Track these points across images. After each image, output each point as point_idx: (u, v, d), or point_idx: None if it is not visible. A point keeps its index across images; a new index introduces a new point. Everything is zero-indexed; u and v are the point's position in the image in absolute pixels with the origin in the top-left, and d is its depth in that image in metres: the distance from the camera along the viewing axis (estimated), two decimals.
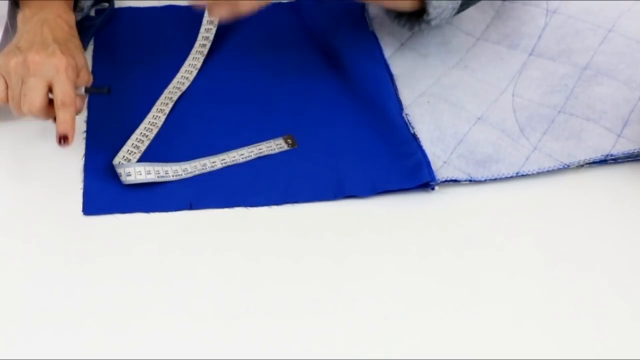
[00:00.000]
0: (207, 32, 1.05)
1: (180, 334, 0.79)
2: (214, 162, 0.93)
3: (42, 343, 0.78)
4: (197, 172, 0.92)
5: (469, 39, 1.07)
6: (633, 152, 0.95)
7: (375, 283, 0.84)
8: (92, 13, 1.10)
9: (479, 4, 1.08)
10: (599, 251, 0.87)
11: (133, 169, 0.91)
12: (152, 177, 0.91)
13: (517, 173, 0.93)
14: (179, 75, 1.03)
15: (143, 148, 0.94)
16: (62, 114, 0.88)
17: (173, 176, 0.91)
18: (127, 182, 0.90)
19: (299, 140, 0.96)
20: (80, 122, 0.98)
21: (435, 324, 0.81)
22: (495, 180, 0.93)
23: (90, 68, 1.03)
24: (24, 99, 0.88)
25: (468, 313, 0.82)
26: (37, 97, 0.87)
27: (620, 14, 1.06)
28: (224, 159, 0.93)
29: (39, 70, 0.88)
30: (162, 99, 1.00)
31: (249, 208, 0.90)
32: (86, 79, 0.92)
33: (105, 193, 0.90)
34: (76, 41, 0.94)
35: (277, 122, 0.98)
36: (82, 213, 0.89)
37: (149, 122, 0.97)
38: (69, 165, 0.93)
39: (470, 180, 0.92)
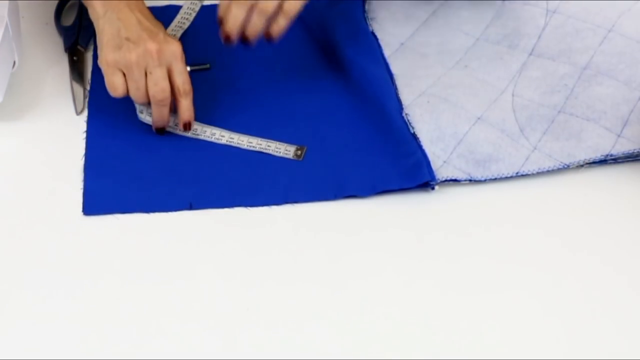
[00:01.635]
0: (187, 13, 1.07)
1: (181, 334, 0.79)
2: (222, 136, 0.95)
3: (42, 343, 0.78)
4: (202, 138, 0.95)
5: (468, 38, 1.07)
6: (633, 152, 0.95)
7: (375, 283, 0.84)
8: None
9: (478, 3, 1.08)
10: (599, 251, 0.87)
11: (145, 109, 0.95)
12: None
13: (517, 173, 0.93)
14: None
15: None
16: (184, 101, 0.93)
17: (179, 131, 0.95)
18: (139, 119, 0.95)
19: (299, 141, 0.96)
20: (81, 122, 0.98)
21: (436, 324, 0.81)
22: (495, 180, 0.93)
23: (90, 68, 1.04)
24: (155, 88, 0.91)
25: (468, 313, 0.82)
26: (167, 85, 0.91)
27: (620, 14, 1.06)
28: (232, 138, 0.95)
29: (162, 58, 0.90)
30: None
31: (249, 208, 0.90)
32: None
33: (105, 193, 0.90)
34: (160, 23, 0.96)
35: (276, 122, 0.98)
36: (82, 213, 0.89)
37: None
38: (69, 165, 0.93)
39: (470, 180, 0.92)
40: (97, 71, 1.02)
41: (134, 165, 0.93)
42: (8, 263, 0.84)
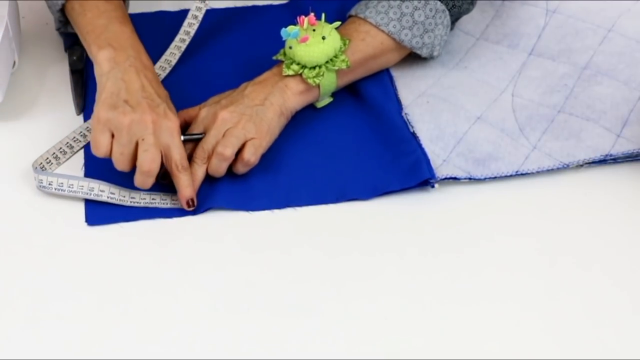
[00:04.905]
0: (189, 27, 1.03)
1: (182, 334, 0.80)
2: (102, 191, 0.89)
3: (47, 349, 0.79)
4: (80, 195, 0.89)
5: (468, 38, 1.07)
6: (632, 152, 0.95)
7: (375, 283, 0.84)
8: None
9: (478, 3, 1.08)
10: (599, 250, 0.87)
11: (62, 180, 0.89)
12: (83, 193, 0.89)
13: (517, 172, 0.93)
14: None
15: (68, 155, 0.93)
16: (183, 177, 0.87)
17: (108, 198, 0.89)
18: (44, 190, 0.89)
19: (299, 143, 0.96)
20: (81, 122, 0.98)
21: (435, 324, 0.81)
22: (494, 179, 0.93)
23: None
24: (144, 154, 0.85)
25: (468, 312, 0.82)
26: (157, 155, 0.86)
27: (620, 14, 1.06)
28: (113, 193, 0.89)
29: (157, 130, 0.86)
30: None
31: (251, 212, 0.90)
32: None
33: (106, 203, 0.89)
34: (166, 91, 0.92)
35: None
36: (85, 223, 0.88)
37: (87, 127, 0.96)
38: (70, 165, 0.93)
39: (469, 179, 0.92)
40: (93, 81, 1.02)
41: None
42: (14, 276, 0.84)
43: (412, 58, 1.02)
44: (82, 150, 0.95)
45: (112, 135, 0.87)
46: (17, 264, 0.85)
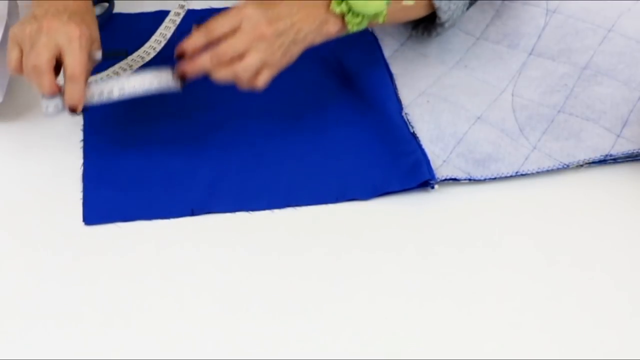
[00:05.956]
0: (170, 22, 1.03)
1: (182, 334, 0.80)
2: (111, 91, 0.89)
3: (42, 351, 0.79)
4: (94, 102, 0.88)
5: (468, 38, 1.08)
6: (632, 152, 0.95)
7: (375, 283, 0.84)
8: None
9: (478, 3, 1.08)
10: (598, 251, 0.87)
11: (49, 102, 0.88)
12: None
13: (517, 172, 0.93)
14: (146, 45, 1.01)
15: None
16: (70, 86, 0.86)
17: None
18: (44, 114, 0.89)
19: (299, 143, 0.96)
20: (78, 130, 0.97)
21: (435, 323, 0.81)
22: (494, 179, 0.93)
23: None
24: (30, 52, 0.85)
25: (468, 312, 0.82)
26: (44, 53, 0.85)
27: (620, 13, 1.06)
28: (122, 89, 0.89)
29: (53, 33, 0.85)
30: (122, 64, 0.99)
31: (250, 212, 0.90)
32: (99, 50, 0.91)
33: (105, 202, 0.89)
34: (91, 14, 0.92)
35: (276, 123, 0.98)
36: (82, 223, 0.88)
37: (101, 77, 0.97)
38: (70, 166, 0.93)
39: (469, 179, 0.92)
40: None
41: (134, 172, 0.92)
42: (11, 276, 0.84)
43: (413, 57, 1.02)
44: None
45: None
46: (15, 263, 0.85)
